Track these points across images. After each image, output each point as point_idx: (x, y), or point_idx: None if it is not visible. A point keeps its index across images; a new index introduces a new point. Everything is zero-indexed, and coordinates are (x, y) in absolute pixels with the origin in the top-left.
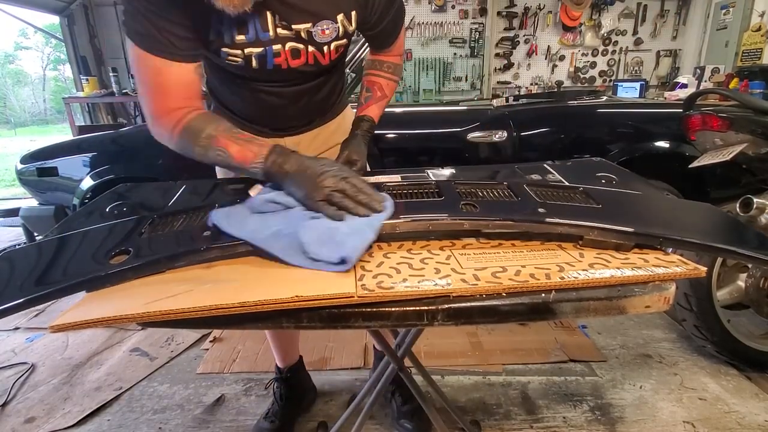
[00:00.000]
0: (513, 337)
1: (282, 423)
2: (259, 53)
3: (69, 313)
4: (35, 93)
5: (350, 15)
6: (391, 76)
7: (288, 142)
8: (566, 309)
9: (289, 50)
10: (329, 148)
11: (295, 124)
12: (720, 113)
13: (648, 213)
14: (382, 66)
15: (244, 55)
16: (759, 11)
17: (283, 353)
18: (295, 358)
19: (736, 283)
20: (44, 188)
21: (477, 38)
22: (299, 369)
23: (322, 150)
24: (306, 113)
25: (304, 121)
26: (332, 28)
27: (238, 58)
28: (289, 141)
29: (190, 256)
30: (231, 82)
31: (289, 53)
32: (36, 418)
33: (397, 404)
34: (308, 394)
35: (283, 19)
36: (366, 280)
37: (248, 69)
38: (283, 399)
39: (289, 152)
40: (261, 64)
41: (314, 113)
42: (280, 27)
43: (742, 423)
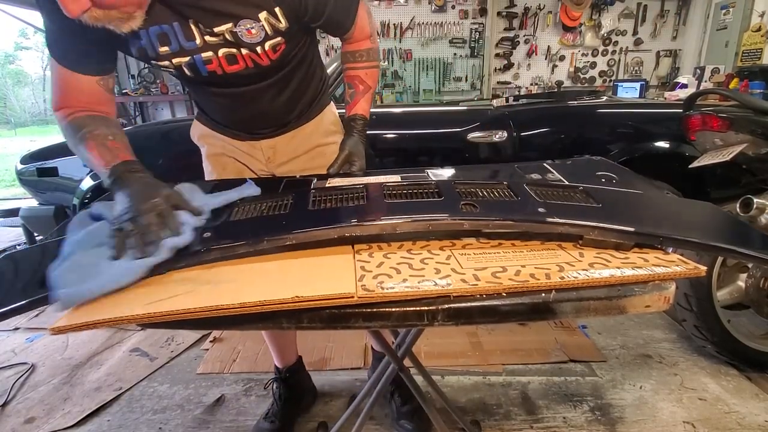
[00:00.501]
0: (513, 337)
1: (282, 423)
2: (187, 62)
3: (69, 314)
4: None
5: (275, 12)
6: (368, 63)
7: (263, 146)
8: (566, 309)
9: (224, 56)
10: (308, 150)
11: (263, 127)
12: (720, 113)
13: (648, 212)
14: (354, 57)
15: (173, 65)
16: (759, 11)
17: (280, 354)
18: (293, 359)
19: (736, 283)
20: (44, 188)
21: (477, 38)
22: (298, 369)
23: (300, 153)
24: (272, 116)
25: (274, 124)
26: (257, 27)
27: (170, 68)
28: (264, 144)
29: (190, 257)
30: (194, 87)
31: (224, 59)
32: (36, 418)
33: (396, 405)
34: (307, 395)
35: (205, 25)
36: (366, 280)
37: (186, 77)
38: (282, 399)
39: (135, 173)
40: (193, 71)
41: (283, 115)
42: (207, 34)
43: (742, 423)
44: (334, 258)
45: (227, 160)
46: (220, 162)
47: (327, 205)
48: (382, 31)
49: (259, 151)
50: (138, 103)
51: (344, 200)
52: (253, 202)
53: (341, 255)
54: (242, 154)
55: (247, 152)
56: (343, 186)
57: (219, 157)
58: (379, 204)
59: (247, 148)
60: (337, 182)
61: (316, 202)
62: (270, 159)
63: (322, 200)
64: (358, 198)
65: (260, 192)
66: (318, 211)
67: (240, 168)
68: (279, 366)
